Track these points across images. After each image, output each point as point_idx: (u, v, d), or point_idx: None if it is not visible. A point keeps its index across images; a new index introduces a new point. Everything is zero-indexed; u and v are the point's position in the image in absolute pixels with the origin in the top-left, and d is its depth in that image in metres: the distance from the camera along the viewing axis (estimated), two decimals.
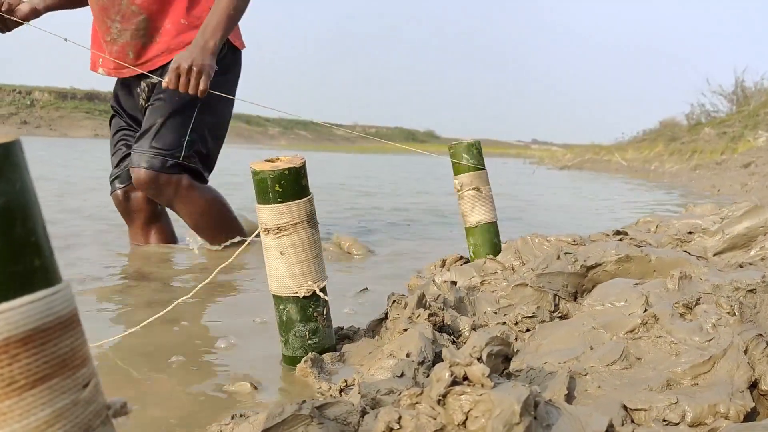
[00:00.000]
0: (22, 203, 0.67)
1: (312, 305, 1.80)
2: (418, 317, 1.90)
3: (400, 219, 5.86)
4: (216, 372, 1.78)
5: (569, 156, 26.06)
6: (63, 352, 0.69)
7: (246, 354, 1.93)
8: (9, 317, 0.64)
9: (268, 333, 2.08)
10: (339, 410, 1.19)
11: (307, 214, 1.77)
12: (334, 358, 1.80)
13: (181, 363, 1.83)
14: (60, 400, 0.67)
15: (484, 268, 2.71)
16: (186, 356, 1.88)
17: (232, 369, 1.80)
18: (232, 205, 3.71)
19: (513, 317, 2.07)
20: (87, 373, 0.71)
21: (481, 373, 1.08)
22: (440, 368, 1.12)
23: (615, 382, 1.41)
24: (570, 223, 6.13)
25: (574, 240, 2.74)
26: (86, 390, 0.70)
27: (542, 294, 2.32)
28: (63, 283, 0.70)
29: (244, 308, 2.47)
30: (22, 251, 0.66)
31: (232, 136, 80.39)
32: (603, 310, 1.95)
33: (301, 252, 1.76)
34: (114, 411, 0.74)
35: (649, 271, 2.52)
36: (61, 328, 0.69)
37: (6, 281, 0.65)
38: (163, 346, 1.97)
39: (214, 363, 1.86)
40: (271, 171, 1.73)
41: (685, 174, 15.44)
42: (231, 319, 2.33)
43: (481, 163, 2.89)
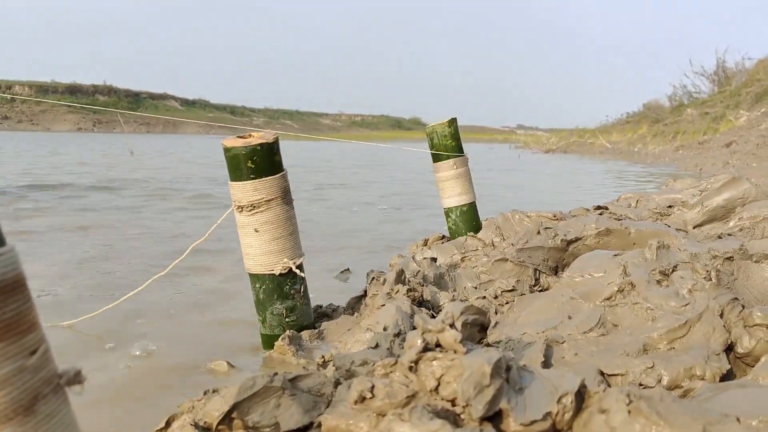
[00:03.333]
0: None
1: (288, 283, 1.78)
2: (396, 293, 1.88)
3: (388, 203, 5.84)
4: (193, 351, 1.76)
5: (554, 140, 26.13)
6: (7, 316, 0.66)
7: (223, 333, 1.91)
8: None
9: (245, 312, 2.06)
10: (312, 382, 1.17)
11: (281, 191, 1.75)
12: (313, 335, 1.78)
13: (157, 341, 1.80)
14: (5, 365, 0.64)
15: (465, 245, 2.69)
16: (163, 335, 1.85)
17: (209, 348, 1.78)
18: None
19: (493, 291, 2.06)
20: (35, 339, 0.69)
21: (453, 339, 1.07)
22: (413, 335, 1.10)
23: (591, 348, 1.41)
24: (554, 201, 6.13)
25: (554, 215, 2.73)
26: (34, 356, 0.68)
27: (522, 268, 2.31)
28: (7, 246, 0.68)
29: (218, 287, 2.44)
30: None
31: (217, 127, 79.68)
32: (582, 281, 1.94)
33: (276, 229, 1.73)
34: (67, 379, 0.71)
35: (629, 243, 2.52)
36: (4, 291, 0.66)
37: None
38: (137, 325, 1.94)
39: (191, 342, 1.83)
40: (243, 147, 1.70)
41: (669, 154, 15.53)
42: (207, 297, 2.30)
43: (459, 144, 2.87)
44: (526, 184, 8.62)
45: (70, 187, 6.46)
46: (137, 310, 2.10)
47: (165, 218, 4.38)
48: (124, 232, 3.76)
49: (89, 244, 3.39)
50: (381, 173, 10.61)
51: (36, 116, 71.34)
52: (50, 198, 5.50)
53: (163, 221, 4.25)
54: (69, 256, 3.03)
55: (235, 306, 2.19)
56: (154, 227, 3.95)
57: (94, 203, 5.24)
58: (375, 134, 69.89)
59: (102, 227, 3.92)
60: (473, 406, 0.90)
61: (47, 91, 75.55)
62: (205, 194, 6.09)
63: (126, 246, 3.32)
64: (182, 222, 4.22)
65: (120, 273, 2.71)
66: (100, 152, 15.14)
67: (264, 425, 1.10)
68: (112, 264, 2.90)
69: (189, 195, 6.04)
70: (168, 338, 1.87)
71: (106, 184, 7.05)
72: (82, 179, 7.51)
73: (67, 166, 10.05)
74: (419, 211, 5.30)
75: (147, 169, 9.96)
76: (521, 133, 47.28)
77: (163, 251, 3.17)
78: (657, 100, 27.68)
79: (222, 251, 3.14)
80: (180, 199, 5.69)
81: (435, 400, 1.01)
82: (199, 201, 5.56)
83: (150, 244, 3.38)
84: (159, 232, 3.76)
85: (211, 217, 4.01)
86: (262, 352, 1.77)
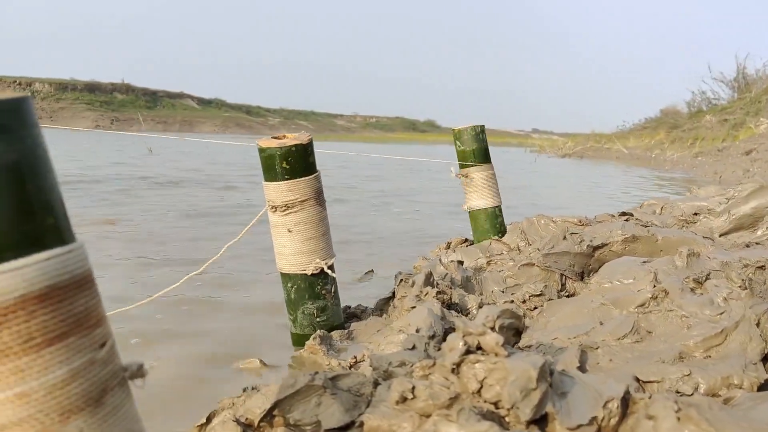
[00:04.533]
0: (33, 161, 0.66)
1: (320, 283, 1.79)
2: (425, 295, 1.89)
3: (409, 205, 5.85)
4: (225, 349, 1.78)
5: (570, 144, 25.99)
6: (79, 310, 0.68)
7: (255, 332, 1.93)
8: (24, 273, 0.63)
9: (277, 311, 2.08)
10: (352, 381, 1.19)
11: (314, 191, 1.76)
12: (343, 335, 1.80)
13: (187, 338, 1.82)
14: (77, 358, 0.66)
15: (490, 249, 2.70)
16: (193, 332, 1.87)
17: (241, 347, 1.80)
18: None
19: (521, 295, 2.06)
20: (103, 333, 0.71)
21: (495, 342, 1.07)
22: (454, 338, 1.11)
23: (626, 355, 1.41)
24: (574, 206, 6.11)
25: (580, 221, 2.73)
26: (103, 350, 0.70)
27: (549, 273, 2.31)
28: (77, 243, 0.69)
29: (251, 286, 2.46)
30: (35, 209, 0.65)
31: (232, 126, 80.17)
32: (611, 287, 1.94)
33: (309, 229, 1.75)
34: (131, 372, 0.73)
35: (656, 250, 2.51)
36: (76, 286, 0.68)
37: (19, 239, 0.64)
38: (172, 323, 1.97)
39: (223, 339, 1.85)
40: (278, 147, 1.71)
41: (687, 161, 15.39)
42: (239, 297, 2.32)
43: (486, 149, 2.88)
44: (544, 188, 8.59)
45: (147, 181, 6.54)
46: (167, 307, 2.12)
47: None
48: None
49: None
50: (397, 174, 10.62)
51: (55, 113, 72.19)
52: (156, 195, 5.57)
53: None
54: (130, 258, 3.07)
55: (264, 304, 2.21)
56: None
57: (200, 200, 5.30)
58: (390, 136, 69.91)
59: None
60: (520, 410, 0.91)
61: (66, 88, 76.39)
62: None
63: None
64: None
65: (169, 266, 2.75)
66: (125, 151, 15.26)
67: (305, 423, 1.12)
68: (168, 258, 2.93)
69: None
70: (198, 335, 1.89)
71: (174, 180, 7.16)
72: (140, 174, 7.59)
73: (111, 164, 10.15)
74: (437, 212, 5.30)
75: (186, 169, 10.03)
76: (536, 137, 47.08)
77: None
78: (674, 106, 27.45)
79: (251, 249, 3.16)
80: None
81: (478, 402, 1.02)
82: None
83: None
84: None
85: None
86: (293, 351, 1.79)
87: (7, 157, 0.63)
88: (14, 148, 0.64)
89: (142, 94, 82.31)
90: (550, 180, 10.66)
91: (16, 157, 0.64)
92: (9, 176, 0.63)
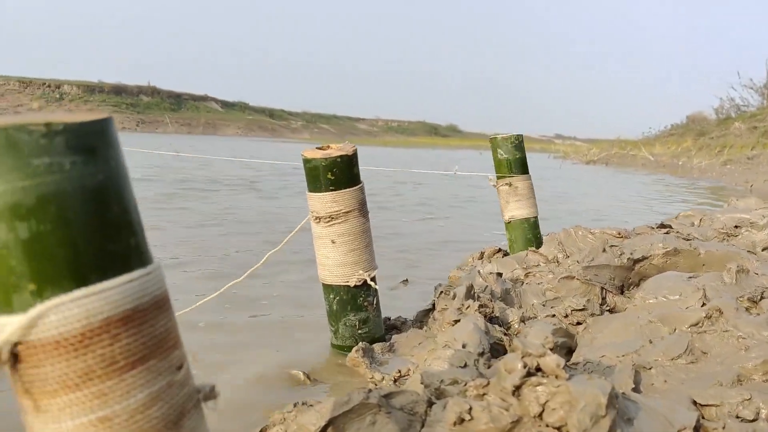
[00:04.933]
0: (118, 182, 0.66)
1: (362, 294, 1.78)
2: (467, 308, 1.87)
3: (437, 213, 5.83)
4: (267, 360, 1.78)
5: (595, 150, 25.71)
6: (159, 332, 0.67)
7: (296, 342, 1.92)
8: (109, 296, 0.63)
9: (317, 322, 2.07)
10: (405, 399, 1.17)
11: (358, 203, 1.76)
12: (384, 348, 1.78)
13: (227, 349, 1.82)
14: (157, 381, 0.66)
15: (527, 260, 2.67)
16: (231, 342, 1.87)
17: (282, 358, 1.80)
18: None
19: (562, 310, 2.03)
20: (180, 355, 0.70)
21: (555, 364, 1.05)
22: (512, 359, 1.09)
23: (681, 376, 1.37)
24: (605, 214, 6.04)
25: (619, 233, 2.69)
26: (180, 372, 0.69)
27: (590, 287, 2.28)
28: (155, 264, 0.69)
29: (292, 296, 2.46)
30: (119, 230, 0.65)
31: (255, 129, 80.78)
32: (657, 303, 1.90)
33: (353, 241, 1.74)
34: (204, 394, 0.73)
35: (698, 264, 2.46)
36: (156, 308, 0.68)
37: (105, 260, 0.63)
38: (212, 333, 1.97)
39: (265, 352, 1.85)
40: (323, 158, 1.71)
41: (716, 169, 15.14)
42: (280, 307, 2.32)
43: (524, 159, 2.85)
44: (574, 196, 8.49)
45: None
46: (206, 315, 2.13)
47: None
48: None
49: None
50: (427, 180, 10.60)
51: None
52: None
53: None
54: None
55: (304, 315, 2.21)
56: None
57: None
58: (412, 140, 69.86)
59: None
60: None
61: (94, 90, 77.67)
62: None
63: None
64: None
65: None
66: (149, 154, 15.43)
67: None
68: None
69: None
70: (238, 345, 1.89)
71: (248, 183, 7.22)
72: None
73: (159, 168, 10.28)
74: (468, 220, 5.27)
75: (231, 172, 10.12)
76: (559, 143, 46.68)
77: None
78: (701, 113, 27.02)
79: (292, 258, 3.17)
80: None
81: (539, 426, 1.00)
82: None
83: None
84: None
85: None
86: (334, 362, 1.78)
87: (94, 178, 0.63)
88: (100, 169, 0.64)
89: (167, 96, 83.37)
90: (580, 187, 10.54)
91: (103, 179, 0.64)
92: (96, 198, 0.63)
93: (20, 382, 0.63)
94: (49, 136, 0.60)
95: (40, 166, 0.60)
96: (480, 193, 7.81)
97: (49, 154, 0.60)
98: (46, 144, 0.60)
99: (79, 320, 0.61)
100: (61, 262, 0.61)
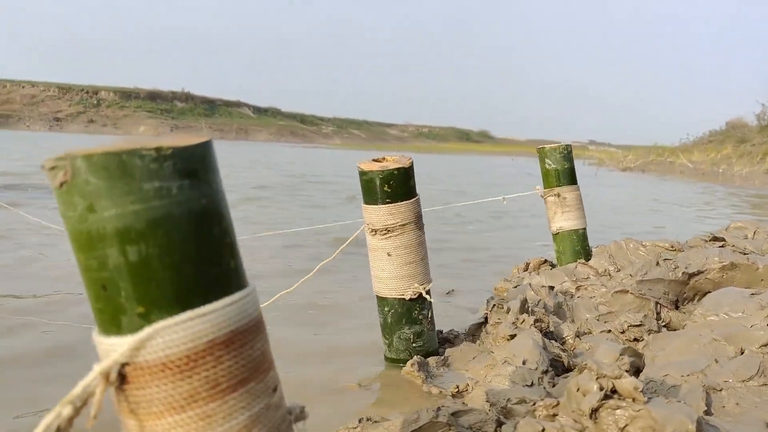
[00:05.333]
0: (219, 205, 0.66)
1: (417, 308, 1.78)
2: (522, 322, 1.85)
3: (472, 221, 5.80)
4: (320, 371, 1.78)
5: (631, 157, 25.28)
6: (257, 354, 0.67)
7: (347, 354, 1.93)
8: (213, 319, 0.63)
9: (370, 334, 2.07)
10: (474, 419, 1.16)
11: (414, 215, 1.75)
12: (438, 361, 1.77)
13: (284, 361, 1.83)
14: (256, 404, 0.66)
15: (576, 272, 2.63)
16: (289, 354, 1.88)
17: (336, 369, 1.80)
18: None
19: (618, 325, 1.99)
20: (274, 376, 0.70)
21: (633, 386, 1.03)
22: (586, 379, 1.07)
23: (754, 399, 1.33)
24: (650, 225, 5.93)
25: (671, 245, 2.63)
26: (276, 394, 0.69)
27: (644, 301, 2.23)
28: (251, 286, 0.70)
29: (343, 308, 2.47)
30: (220, 253, 0.65)
31: (287, 135, 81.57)
32: (719, 321, 1.85)
33: (409, 254, 1.74)
34: (295, 416, 0.73)
35: (756, 279, 2.39)
36: (254, 330, 0.68)
37: (207, 283, 0.64)
38: None
39: (318, 362, 1.86)
40: (379, 171, 1.71)
41: (759, 177, 14.75)
42: (331, 318, 2.33)
43: (572, 169, 2.81)
44: (616, 205, 8.34)
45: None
46: None
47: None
48: None
49: None
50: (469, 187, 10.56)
51: (119, 120, 75.11)
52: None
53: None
54: None
55: (355, 326, 2.21)
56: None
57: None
58: (443, 146, 69.70)
59: None
60: None
61: (130, 96, 79.43)
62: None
63: None
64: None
65: None
66: None
67: None
68: None
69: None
70: (291, 355, 1.90)
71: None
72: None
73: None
74: (505, 232, 5.23)
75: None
76: (593, 149, 46.03)
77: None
78: (741, 118, 26.35)
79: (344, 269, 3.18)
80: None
81: None
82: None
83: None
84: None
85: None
86: (387, 375, 1.78)
87: (198, 202, 0.64)
88: (203, 192, 0.64)
89: (200, 102, 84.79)
90: (619, 195, 10.37)
91: (206, 203, 0.64)
92: (200, 221, 0.64)
93: (125, 403, 0.64)
94: (159, 161, 0.61)
95: (150, 191, 0.61)
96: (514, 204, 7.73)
97: (159, 178, 0.61)
98: (156, 168, 0.61)
99: (185, 343, 0.62)
100: (168, 286, 0.62)
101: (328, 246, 3.90)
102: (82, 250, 0.62)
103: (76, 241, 0.62)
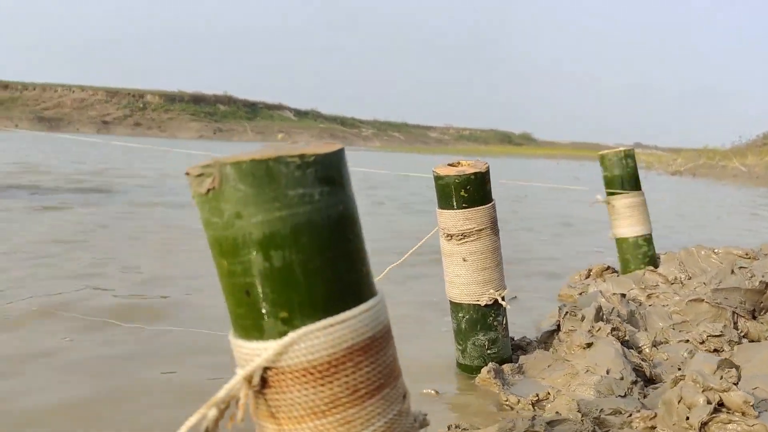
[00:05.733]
0: (353, 212, 0.67)
1: (492, 314, 1.76)
2: (598, 331, 1.82)
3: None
4: None
5: (680, 161, 24.60)
6: (389, 361, 0.68)
7: (420, 361, 1.92)
8: (352, 325, 0.63)
9: (442, 340, 2.06)
10: (568, 428, 1.14)
11: (490, 221, 1.74)
12: (513, 369, 1.75)
13: None
14: (390, 410, 0.66)
15: (644, 279, 2.57)
16: None
17: (409, 375, 1.79)
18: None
19: (697, 335, 1.94)
20: (402, 383, 0.70)
21: (742, 400, 1.00)
22: (690, 392, 1.04)
23: None
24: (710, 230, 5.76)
25: (746, 253, 2.54)
26: (405, 401, 0.69)
27: (720, 311, 2.16)
28: (381, 293, 0.70)
29: (413, 314, 2.46)
30: (354, 260, 0.66)
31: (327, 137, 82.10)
32: None
33: (485, 259, 1.72)
34: (419, 423, 0.73)
35: None
36: (387, 337, 0.68)
37: (346, 289, 0.64)
38: None
39: None
40: (456, 176, 1.70)
41: None
42: (401, 324, 2.33)
43: (634, 174, 2.76)
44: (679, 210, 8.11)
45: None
46: None
47: None
48: None
49: None
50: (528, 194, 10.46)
51: (164, 123, 76.95)
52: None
53: None
54: None
55: (425, 332, 2.21)
56: None
57: None
58: (485, 149, 69.18)
59: None
60: None
61: (174, 99, 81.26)
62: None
63: None
64: None
65: None
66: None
67: None
68: None
69: None
70: None
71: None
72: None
73: None
74: (555, 237, 5.15)
75: None
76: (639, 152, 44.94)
77: None
78: None
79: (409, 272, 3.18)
80: None
81: None
82: None
83: None
84: None
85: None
86: (462, 381, 1.76)
87: (336, 209, 0.64)
88: (340, 199, 0.65)
89: (242, 105, 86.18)
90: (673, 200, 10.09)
91: (342, 209, 0.65)
92: (338, 228, 0.64)
93: (265, 407, 0.65)
94: (303, 168, 0.62)
95: (294, 197, 0.62)
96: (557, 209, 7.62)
97: (303, 185, 0.62)
98: (300, 175, 0.62)
99: (326, 348, 0.62)
100: (310, 291, 0.63)
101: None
102: (225, 256, 0.63)
103: (220, 246, 0.64)
